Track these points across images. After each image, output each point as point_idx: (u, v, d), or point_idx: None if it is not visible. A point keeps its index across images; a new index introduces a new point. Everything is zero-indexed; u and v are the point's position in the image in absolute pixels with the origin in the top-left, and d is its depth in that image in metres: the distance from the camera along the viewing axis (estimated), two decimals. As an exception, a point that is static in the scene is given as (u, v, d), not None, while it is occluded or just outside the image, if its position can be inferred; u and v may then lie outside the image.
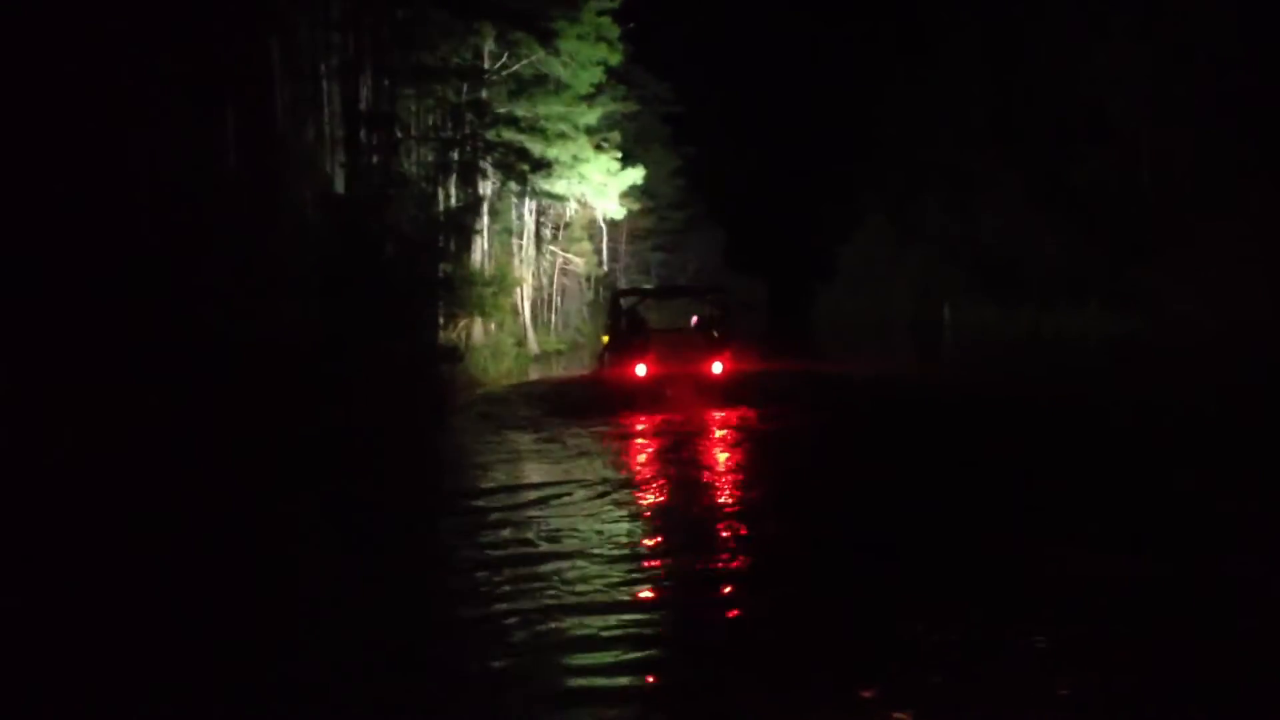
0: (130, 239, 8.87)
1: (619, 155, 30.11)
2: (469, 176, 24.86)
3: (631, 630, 4.02)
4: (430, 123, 23.09)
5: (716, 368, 12.73)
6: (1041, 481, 6.83)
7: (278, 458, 7.86)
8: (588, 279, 35.42)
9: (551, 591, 4.52)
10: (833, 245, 45.93)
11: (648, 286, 31.68)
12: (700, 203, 45.93)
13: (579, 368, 20.29)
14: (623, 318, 14.17)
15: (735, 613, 4.49)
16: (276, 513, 6.34)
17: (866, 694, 3.29)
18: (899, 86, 41.32)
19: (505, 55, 24.99)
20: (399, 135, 19.93)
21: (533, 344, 27.97)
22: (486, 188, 26.38)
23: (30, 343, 6.88)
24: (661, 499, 7.13)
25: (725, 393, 12.51)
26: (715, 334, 13.59)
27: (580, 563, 5.06)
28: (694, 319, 15.16)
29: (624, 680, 3.53)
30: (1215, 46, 26.03)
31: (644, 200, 35.75)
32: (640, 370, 12.61)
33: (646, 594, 4.64)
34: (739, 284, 48.05)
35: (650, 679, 3.58)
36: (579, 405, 12.90)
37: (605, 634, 3.92)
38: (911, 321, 37.05)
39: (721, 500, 7.15)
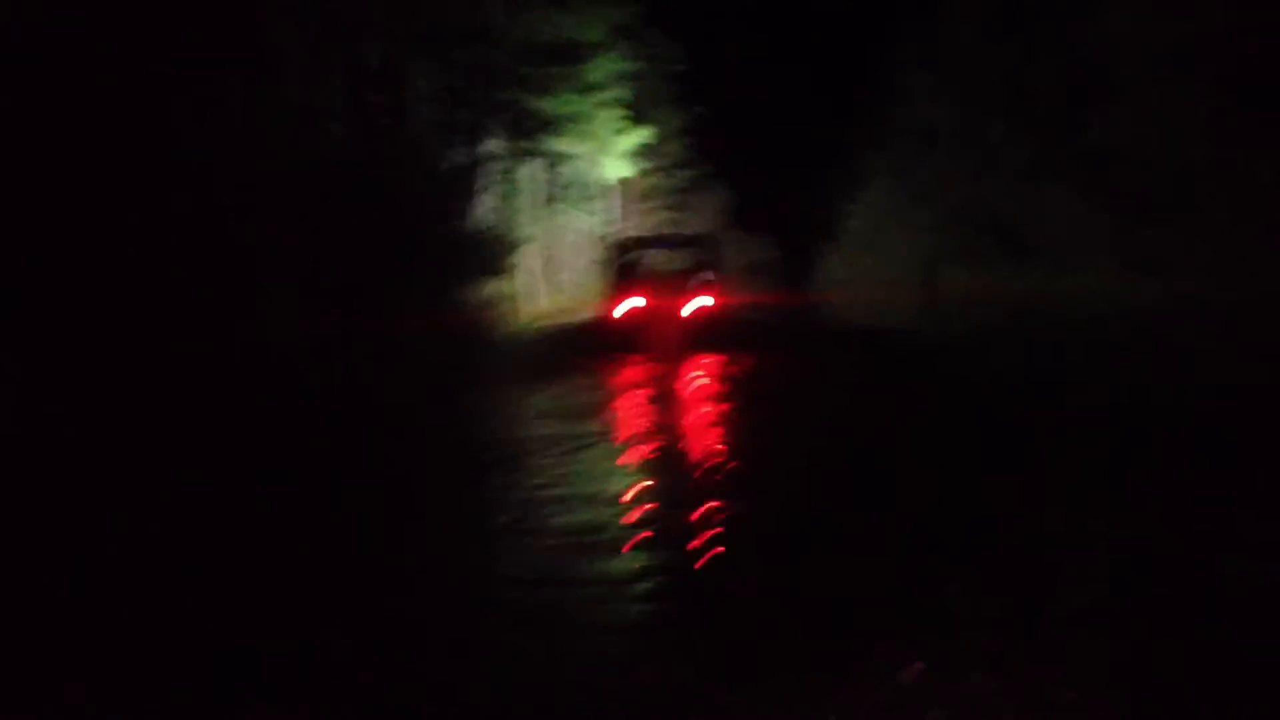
0: (136, 208, 8.86)
1: (626, 114, 29.86)
2: (476, 135, 24.74)
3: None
4: (437, 82, 22.90)
5: (698, 303, 14.43)
6: (1027, 458, 6.68)
7: (292, 419, 7.91)
8: (596, 238, 35.28)
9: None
10: (840, 206, 45.64)
11: (644, 236, 32.65)
12: (707, 162, 45.59)
13: (586, 322, 20.71)
14: (620, 264, 15.90)
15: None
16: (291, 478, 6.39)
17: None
18: (907, 46, 40.85)
19: (513, 12, 24.74)
20: (405, 95, 19.83)
21: (542, 302, 27.99)
22: (494, 147, 26.22)
23: (34, 332, 6.89)
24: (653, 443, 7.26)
25: (711, 326, 14.14)
26: (702, 275, 15.27)
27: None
28: (685, 264, 16.84)
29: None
30: (1225, 9, 25.74)
31: (651, 159, 35.52)
32: (635, 304, 14.38)
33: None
34: (747, 244, 47.82)
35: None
36: (581, 353, 14.05)
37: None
38: (921, 281, 37.01)
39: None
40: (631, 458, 6.87)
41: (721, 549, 4.68)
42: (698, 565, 4.52)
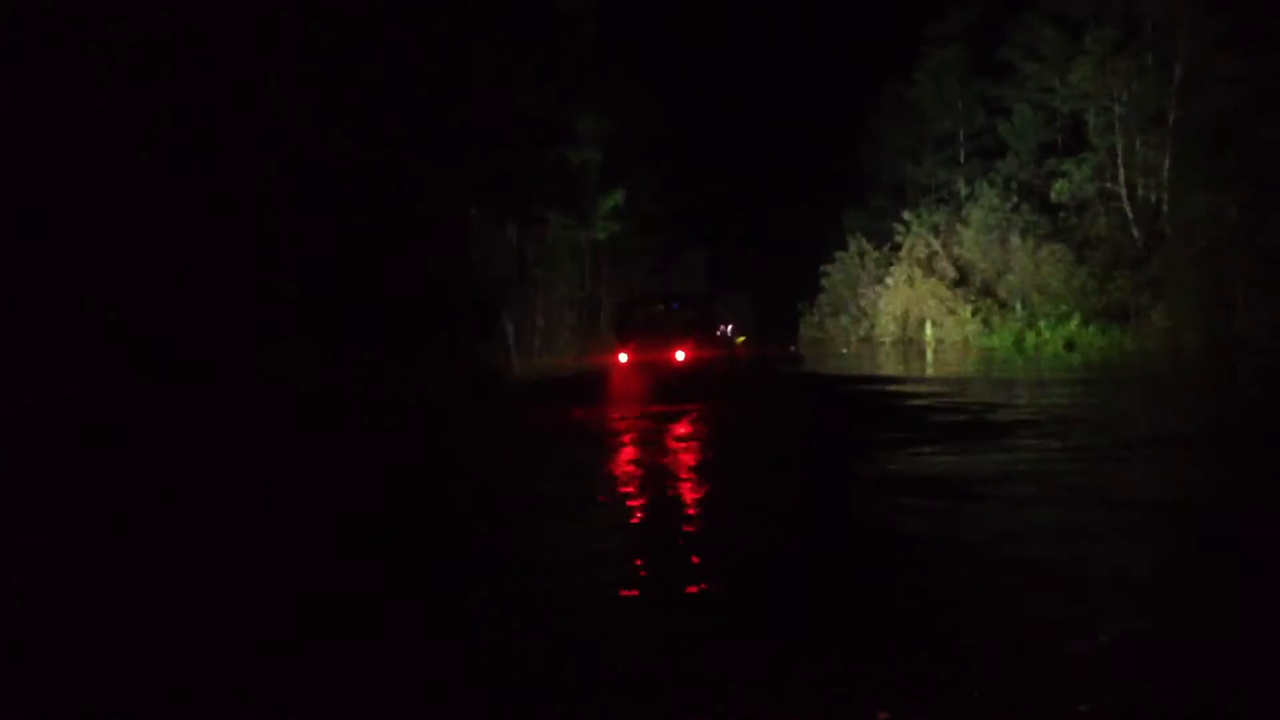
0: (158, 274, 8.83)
1: (603, 177, 30.24)
2: (457, 199, 24.91)
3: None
4: (415, 146, 23.15)
5: (680, 355, 16.14)
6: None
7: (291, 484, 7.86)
8: (571, 303, 35.43)
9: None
10: (816, 265, 46.26)
11: (646, 294, 33.03)
12: (685, 223, 46.20)
13: (581, 374, 21.18)
14: (623, 319, 18.11)
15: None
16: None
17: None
18: (880, 103, 41.78)
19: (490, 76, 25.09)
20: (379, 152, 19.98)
21: (516, 368, 28.00)
22: (474, 211, 26.41)
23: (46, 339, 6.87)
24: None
25: (705, 376, 15.70)
26: (690, 330, 16.96)
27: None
28: (683, 320, 18.48)
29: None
30: (1191, 61, 26.52)
31: (627, 221, 35.92)
32: (623, 358, 16.44)
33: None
34: (726, 303, 48.36)
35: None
36: (581, 402, 14.68)
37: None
38: (896, 336, 37.36)
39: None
40: (633, 507, 6.73)
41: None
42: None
